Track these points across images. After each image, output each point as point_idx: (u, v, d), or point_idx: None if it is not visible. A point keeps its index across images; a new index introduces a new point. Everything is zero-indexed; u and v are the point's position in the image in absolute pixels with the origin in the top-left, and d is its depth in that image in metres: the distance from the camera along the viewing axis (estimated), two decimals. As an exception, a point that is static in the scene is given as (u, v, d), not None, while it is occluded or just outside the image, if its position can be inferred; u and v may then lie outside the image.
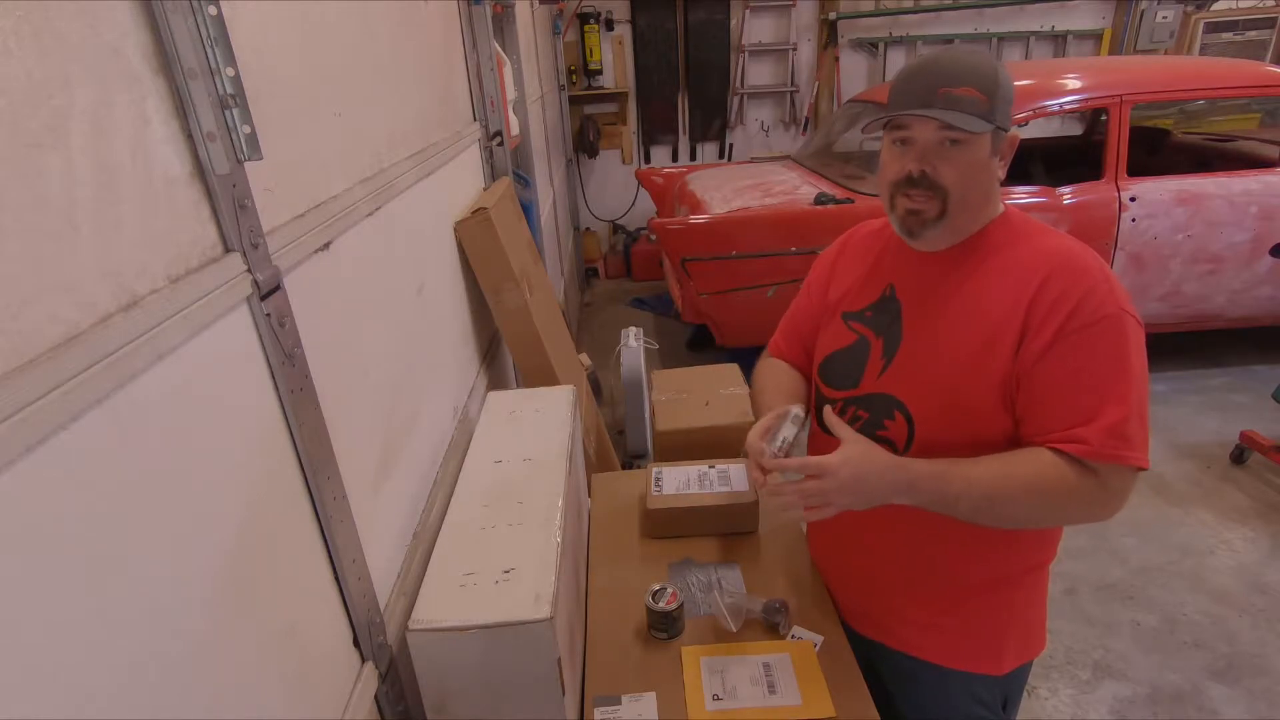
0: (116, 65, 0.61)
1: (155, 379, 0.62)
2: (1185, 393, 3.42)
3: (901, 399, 1.02)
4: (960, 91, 0.90)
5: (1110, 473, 0.89)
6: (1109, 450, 0.88)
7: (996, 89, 0.91)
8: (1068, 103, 3.24)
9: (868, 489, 0.93)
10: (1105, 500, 0.91)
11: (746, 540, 1.42)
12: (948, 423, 0.98)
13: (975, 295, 0.97)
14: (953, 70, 0.91)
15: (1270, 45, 5.48)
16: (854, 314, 1.10)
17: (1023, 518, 0.95)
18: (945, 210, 0.95)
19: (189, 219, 0.70)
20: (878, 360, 1.05)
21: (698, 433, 2.18)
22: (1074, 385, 0.90)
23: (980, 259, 0.99)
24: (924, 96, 0.91)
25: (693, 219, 3.35)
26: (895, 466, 0.94)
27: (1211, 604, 2.23)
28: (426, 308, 1.49)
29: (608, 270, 5.72)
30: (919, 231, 0.98)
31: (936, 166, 0.93)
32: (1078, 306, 0.89)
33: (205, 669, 0.66)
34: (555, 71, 4.80)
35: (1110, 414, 0.88)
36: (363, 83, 1.22)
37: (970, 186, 0.95)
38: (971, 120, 0.89)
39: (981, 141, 0.92)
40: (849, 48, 5.43)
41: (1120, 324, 0.89)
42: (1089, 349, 0.89)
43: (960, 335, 0.97)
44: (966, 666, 1.09)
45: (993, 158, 0.95)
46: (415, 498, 1.30)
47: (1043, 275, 0.92)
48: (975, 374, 0.95)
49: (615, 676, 1.13)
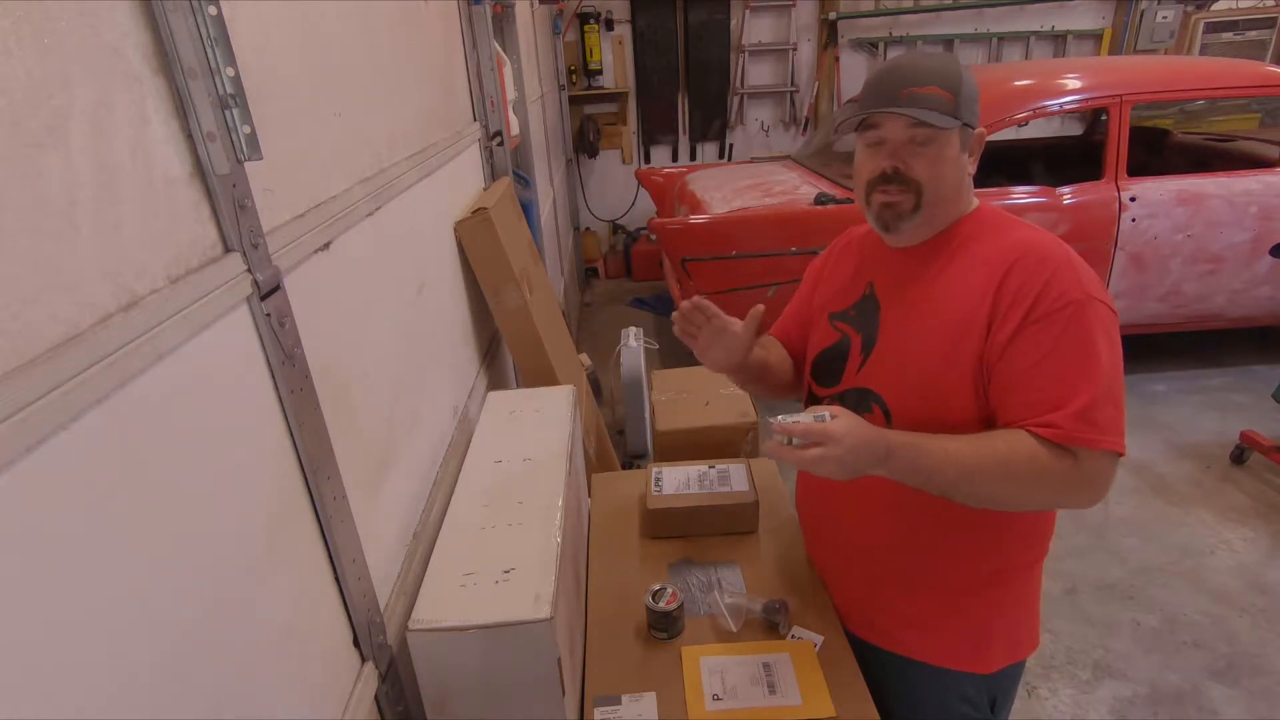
0: (116, 65, 0.61)
1: (155, 379, 0.62)
2: (1185, 393, 3.42)
3: (878, 392, 1.04)
4: (925, 90, 0.93)
5: (1086, 457, 0.90)
6: (1081, 434, 0.89)
7: (960, 87, 0.94)
8: (1068, 103, 3.24)
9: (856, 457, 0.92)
10: (1082, 484, 0.91)
11: (746, 540, 1.42)
12: (923, 413, 0.99)
13: (946, 288, 1.00)
14: (917, 71, 0.95)
15: (1270, 45, 5.48)
16: (838, 314, 1.14)
17: (999, 496, 0.95)
18: (919, 203, 0.98)
19: (189, 219, 0.70)
20: (856, 356, 1.08)
21: (698, 433, 2.18)
22: (1042, 371, 0.92)
23: (951, 253, 1.01)
24: (891, 96, 0.95)
25: (693, 219, 3.35)
26: (876, 434, 0.94)
27: (1211, 604, 2.23)
28: (426, 308, 1.49)
29: (608, 270, 5.72)
30: (895, 225, 1.01)
31: (908, 162, 0.97)
32: (1041, 294, 0.91)
33: (205, 669, 0.66)
34: (555, 71, 4.80)
35: (1079, 398, 0.89)
36: (363, 83, 1.22)
37: (942, 180, 0.98)
38: (938, 116, 0.93)
39: (949, 137, 0.96)
40: (849, 48, 5.43)
41: (1085, 309, 0.91)
42: (1054, 336, 0.91)
43: (932, 327, 1.00)
44: (953, 665, 1.09)
45: (962, 154, 0.99)
46: (415, 498, 1.30)
47: (1007, 265, 0.95)
48: (947, 365, 0.97)
49: (615, 676, 1.13)
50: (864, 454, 0.92)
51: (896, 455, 0.93)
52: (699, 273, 3.27)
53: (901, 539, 1.07)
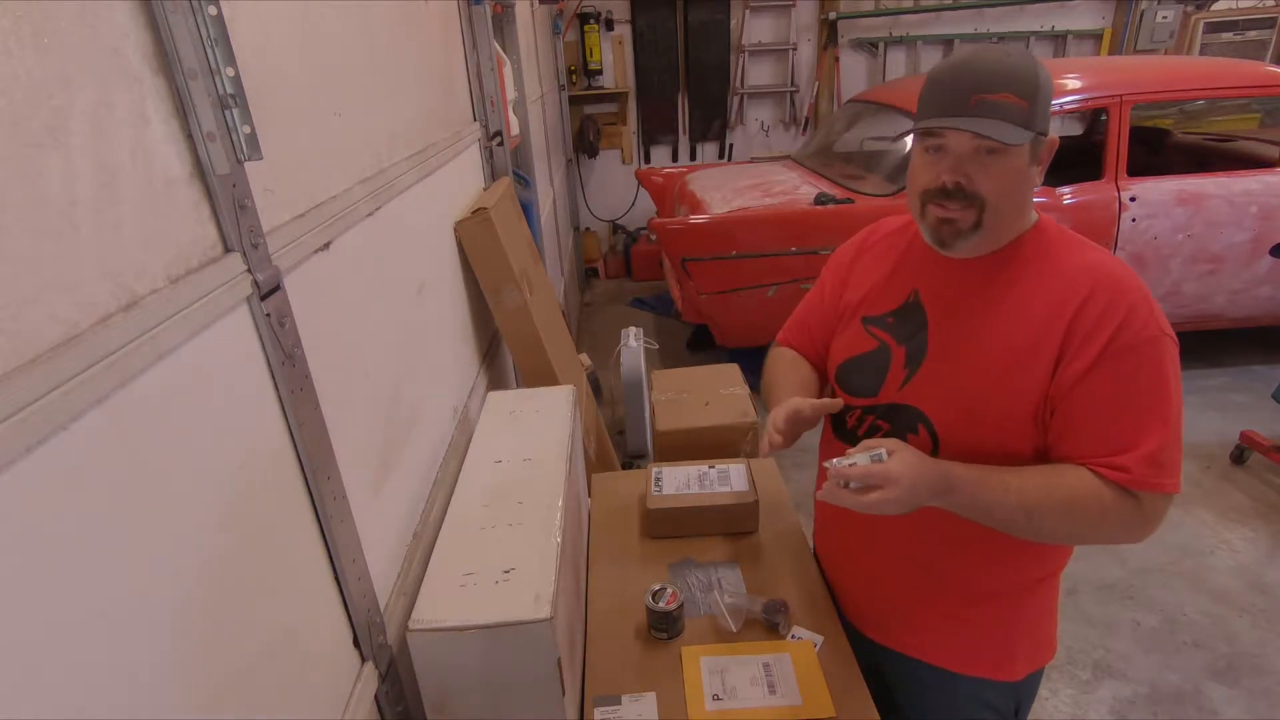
0: (116, 65, 0.61)
1: (155, 379, 0.62)
2: (1185, 393, 3.37)
3: (926, 412, 0.98)
4: (998, 98, 0.84)
5: (1149, 500, 0.89)
6: (1149, 479, 0.87)
7: (1037, 92, 0.85)
8: (1068, 103, 3.24)
9: (914, 495, 0.89)
10: (1140, 524, 0.90)
11: (746, 540, 1.42)
12: (974, 438, 0.95)
13: (1009, 309, 0.93)
14: (990, 74, 0.85)
15: (1270, 45, 5.48)
16: (874, 319, 1.06)
17: (1057, 533, 0.93)
18: (981, 221, 0.90)
19: (189, 219, 0.70)
20: (900, 370, 1.01)
21: (698, 433, 2.18)
22: (1115, 410, 0.88)
23: (1015, 271, 0.94)
24: (959, 103, 0.85)
25: (693, 219, 3.35)
26: (935, 469, 0.90)
27: (1211, 604, 2.23)
28: (426, 308, 1.49)
29: (608, 270, 5.72)
30: (952, 242, 0.93)
31: (972, 176, 0.88)
32: (1121, 328, 0.86)
33: (205, 669, 0.66)
34: (555, 71, 4.80)
35: (1150, 441, 0.87)
36: (363, 83, 1.22)
37: (1008, 196, 0.90)
38: (1010, 130, 0.84)
39: (1020, 150, 0.87)
40: (849, 47, 5.43)
41: (1161, 347, 0.87)
42: (1131, 373, 0.87)
43: (991, 349, 0.93)
44: (978, 672, 1.08)
45: (1031, 165, 0.90)
46: (415, 498, 1.30)
47: (1085, 293, 0.88)
48: (1006, 390, 0.92)
49: (615, 676, 1.13)
50: (923, 490, 0.88)
51: (959, 490, 0.89)
52: (699, 273, 3.27)
53: (926, 548, 1.05)
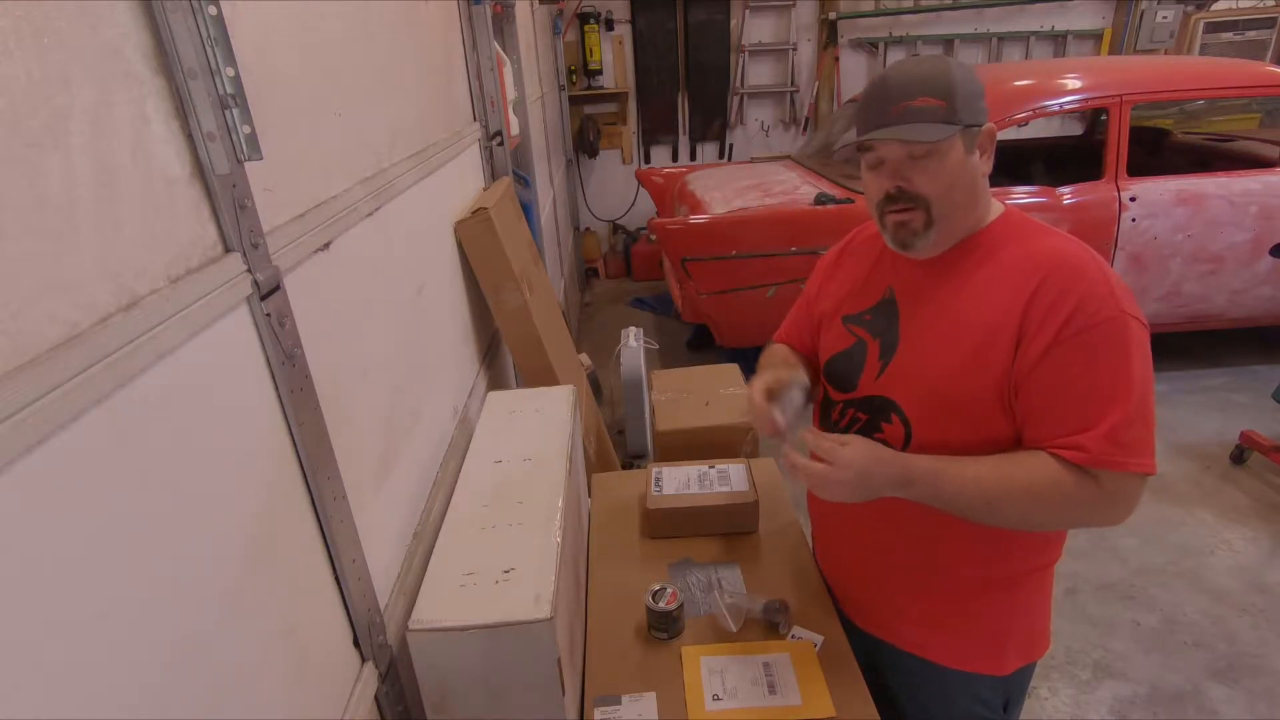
0: (116, 65, 0.61)
1: (155, 379, 0.62)
2: (1185, 393, 3.42)
3: (898, 401, 1.02)
4: (917, 103, 0.90)
5: (1111, 479, 0.89)
6: (1108, 457, 0.87)
7: (953, 90, 0.91)
8: (1068, 103, 3.24)
9: (868, 484, 0.94)
10: (1107, 506, 0.90)
11: (746, 540, 1.42)
12: (944, 425, 0.98)
13: (971, 297, 0.97)
14: (904, 83, 0.92)
15: (1270, 45, 5.47)
16: (853, 317, 1.11)
17: (1020, 520, 0.95)
18: (931, 218, 0.95)
19: (189, 219, 0.70)
20: (875, 363, 1.06)
21: (698, 433, 2.18)
22: (1072, 391, 0.89)
23: (977, 261, 0.98)
24: (883, 115, 0.92)
25: (693, 219, 3.35)
26: (894, 461, 0.95)
27: (1211, 604, 2.23)
28: (426, 308, 1.49)
29: (608, 270, 5.72)
30: (911, 243, 0.98)
31: (911, 179, 0.94)
32: (1076, 309, 0.88)
33: (205, 669, 0.66)
34: (555, 71, 4.80)
35: (1110, 420, 0.87)
36: (363, 83, 1.22)
37: (951, 190, 0.94)
38: (930, 129, 0.90)
39: (950, 145, 0.92)
40: (849, 48, 5.43)
41: (1120, 326, 0.88)
42: (1088, 353, 0.88)
43: (955, 338, 0.97)
44: (968, 666, 1.09)
45: (970, 155, 0.94)
46: (415, 498, 1.30)
47: (1039, 277, 0.91)
48: (971, 377, 0.95)
49: (615, 676, 1.13)
50: (878, 480, 0.93)
51: (919, 482, 0.93)
52: (699, 273, 3.27)
53: (918, 541, 1.06)
